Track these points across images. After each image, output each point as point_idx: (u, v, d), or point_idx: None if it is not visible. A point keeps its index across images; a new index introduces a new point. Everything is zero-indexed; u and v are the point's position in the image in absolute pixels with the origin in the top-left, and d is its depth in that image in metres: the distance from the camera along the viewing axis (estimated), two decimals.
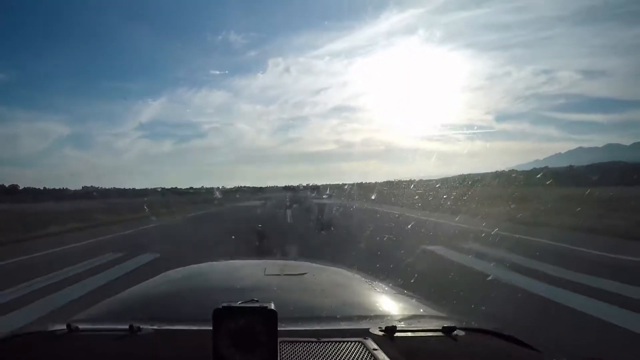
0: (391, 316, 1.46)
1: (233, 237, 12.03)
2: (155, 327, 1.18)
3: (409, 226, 14.28)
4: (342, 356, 0.99)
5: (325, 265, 2.40)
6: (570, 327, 4.49)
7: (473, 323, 1.41)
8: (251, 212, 24.54)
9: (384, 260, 7.47)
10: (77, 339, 1.16)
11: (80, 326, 1.20)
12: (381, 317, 1.40)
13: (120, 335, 1.14)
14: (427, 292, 2.61)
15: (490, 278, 6.54)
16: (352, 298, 1.74)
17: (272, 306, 0.87)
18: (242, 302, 0.90)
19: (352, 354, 1.01)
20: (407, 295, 1.91)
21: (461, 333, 1.23)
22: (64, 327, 1.18)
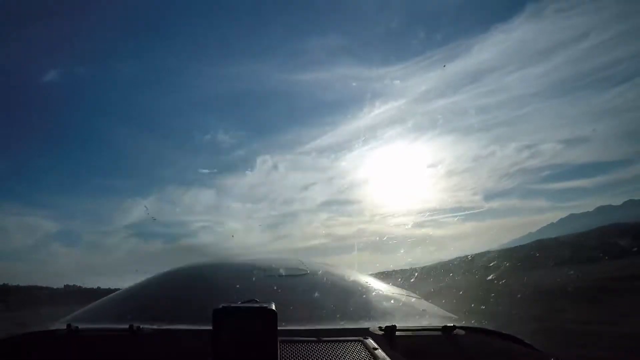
0: (391, 315, 1.46)
1: None
2: (155, 327, 1.18)
3: None
4: (342, 356, 0.99)
5: (325, 264, 2.40)
6: None
7: (473, 322, 1.42)
8: None
9: None
10: (77, 339, 1.16)
11: (80, 326, 1.20)
12: (381, 316, 1.40)
13: (120, 335, 1.14)
14: None
15: None
16: (352, 297, 1.73)
17: (272, 306, 0.87)
18: (242, 302, 0.90)
19: (352, 353, 1.01)
20: (407, 295, 1.91)
21: (461, 332, 1.23)
22: (64, 327, 1.18)
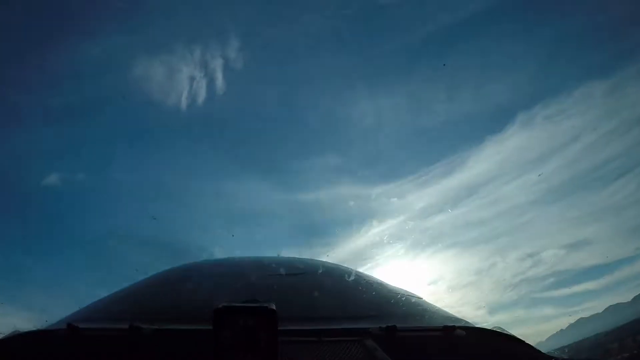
0: (391, 315, 1.46)
1: None
2: (155, 327, 1.18)
3: None
4: (342, 355, 0.99)
5: (326, 264, 2.39)
6: None
7: (474, 323, 1.41)
8: None
9: None
10: (77, 339, 1.15)
11: (81, 326, 1.20)
12: (381, 316, 1.40)
13: (121, 335, 1.14)
14: None
15: None
16: (353, 297, 1.73)
17: (273, 306, 0.87)
18: (242, 302, 0.90)
19: (352, 353, 1.01)
20: (408, 295, 1.91)
21: (462, 333, 1.23)
22: (64, 326, 1.18)
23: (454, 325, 1.23)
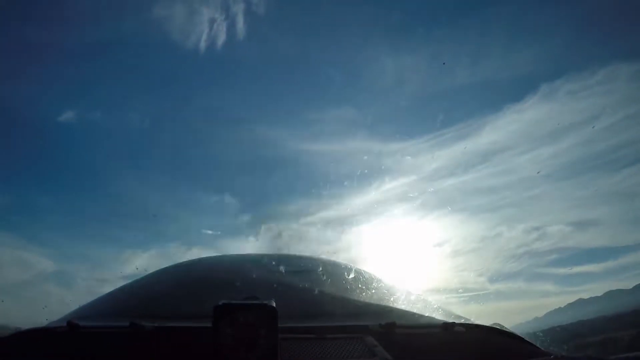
0: (391, 312, 1.46)
1: None
2: (155, 325, 1.18)
3: None
4: (342, 353, 1.00)
5: (326, 261, 2.40)
6: None
7: (473, 319, 1.42)
8: None
9: None
10: (77, 337, 1.16)
11: (81, 323, 1.20)
12: (381, 313, 1.41)
13: (121, 332, 1.14)
14: None
15: None
16: (352, 294, 1.74)
17: (273, 303, 0.87)
18: (242, 299, 0.90)
19: (352, 350, 1.01)
20: (407, 291, 1.92)
21: (461, 329, 1.23)
22: (65, 324, 1.18)
23: (453, 322, 1.24)
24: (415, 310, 1.60)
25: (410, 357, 1.02)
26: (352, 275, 2.09)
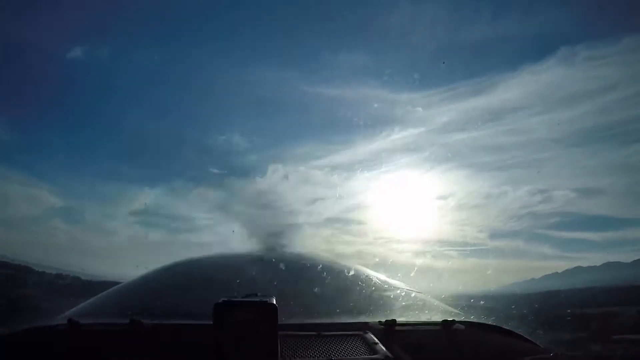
0: (391, 310, 1.46)
1: None
2: (155, 322, 1.19)
3: None
4: (342, 350, 1.00)
5: (326, 258, 2.40)
6: None
7: (472, 317, 1.42)
8: None
9: None
10: (78, 334, 1.16)
11: (81, 321, 1.20)
12: (381, 311, 1.41)
13: (121, 330, 1.14)
14: None
15: None
16: (352, 292, 1.74)
17: (273, 300, 0.87)
18: (242, 297, 0.90)
19: (352, 347, 1.01)
20: (407, 289, 1.92)
21: (460, 327, 1.24)
22: (65, 322, 1.19)
23: (453, 320, 1.24)
24: (415, 308, 1.60)
25: (410, 354, 1.02)
26: (352, 273, 2.10)
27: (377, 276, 2.00)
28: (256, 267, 1.99)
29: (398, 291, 1.86)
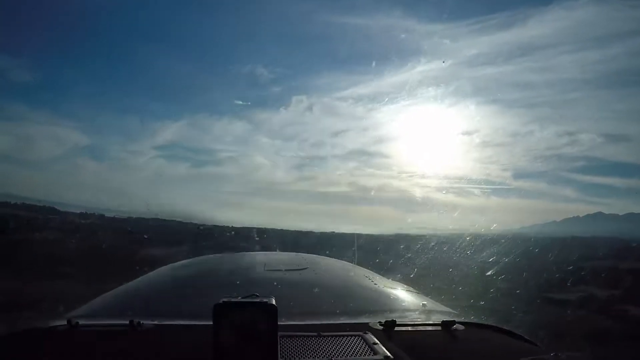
0: (391, 310, 1.47)
1: None
2: (155, 323, 1.19)
3: None
4: (342, 350, 1.00)
5: (326, 259, 2.40)
6: None
7: (472, 318, 1.42)
8: None
9: None
10: (77, 335, 1.16)
11: (81, 322, 1.20)
12: (381, 311, 1.41)
13: (121, 330, 1.15)
14: None
15: None
16: (352, 292, 1.74)
17: (273, 301, 0.87)
18: (242, 297, 0.90)
19: (352, 348, 1.01)
20: (407, 290, 1.92)
21: (460, 327, 1.24)
22: (64, 322, 1.19)
23: (453, 320, 1.24)
24: (415, 309, 1.60)
25: (410, 355, 1.02)
26: (352, 274, 2.10)
27: (377, 277, 2.00)
28: (256, 267, 1.99)
29: (398, 292, 1.86)
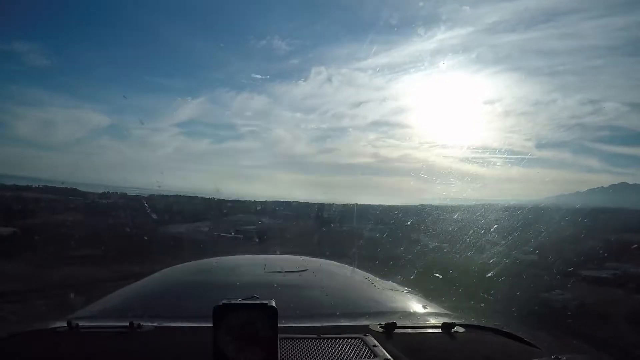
0: (391, 313, 1.46)
1: None
2: (155, 324, 1.19)
3: None
4: (342, 353, 1.00)
5: (326, 261, 2.40)
6: None
7: (473, 320, 1.42)
8: None
9: None
10: (77, 337, 1.16)
11: (81, 324, 1.20)
12: (381, 313, 1.41)
13: (121, 332, 1.14)
14: None
15: None
16: (352, 294, 1.74)
17: (273, 303, 0.87)
18: (242, 299, 0.90)
19: (352, 350, 1.01)
20: (407, 292, 1.92)
21: (461, 330, 1.24)
22: (64, 324, 1.18)
23: (453, 323, 1.24)
24: (415, 311, 1.60)
25: (410, 357, 1.02)
26: (352, 276, 2.09)
27: (377, 279, 2.00)
28: (256, 269, 1.99)
29: (398, 294, 1.86)
